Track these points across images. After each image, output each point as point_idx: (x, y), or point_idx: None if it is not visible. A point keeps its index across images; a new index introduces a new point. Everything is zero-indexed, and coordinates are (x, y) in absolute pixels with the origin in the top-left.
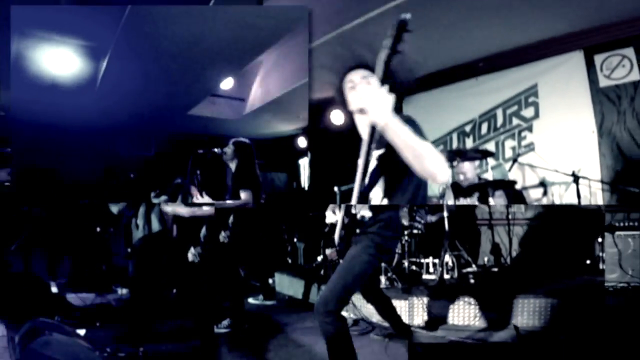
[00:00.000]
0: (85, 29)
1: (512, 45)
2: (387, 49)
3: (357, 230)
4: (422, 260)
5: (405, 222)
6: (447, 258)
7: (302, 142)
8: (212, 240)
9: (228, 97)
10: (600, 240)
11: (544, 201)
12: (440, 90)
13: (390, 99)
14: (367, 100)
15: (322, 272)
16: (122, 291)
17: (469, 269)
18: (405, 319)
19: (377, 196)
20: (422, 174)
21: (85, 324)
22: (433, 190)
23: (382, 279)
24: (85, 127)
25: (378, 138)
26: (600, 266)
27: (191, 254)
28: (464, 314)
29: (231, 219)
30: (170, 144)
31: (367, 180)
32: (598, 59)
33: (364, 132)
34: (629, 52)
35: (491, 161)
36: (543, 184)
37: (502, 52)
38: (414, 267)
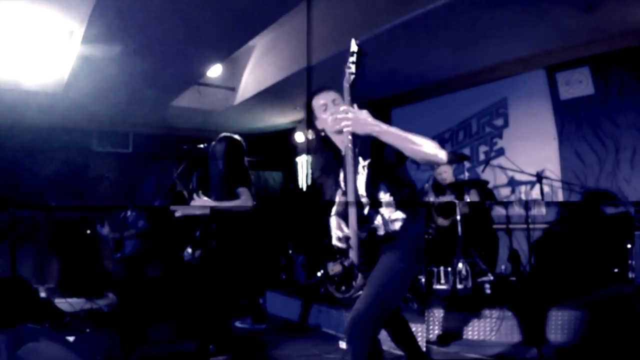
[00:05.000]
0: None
1: (485, 65)
2: (351, 74)
3: (381, 235)
4: (433, 269)
5: None
6: (461, 266)
7: (299, 136)
8: (208, 244)
9: (216, 86)
10: (629, 245)
11: (512, 198)
12: (424, 103)
13: (366, 112)
14: (354, 119)
15: (322, 289)
16: (113, 296)
17: (485, 278)
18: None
19: (387, 201)
20: (425, 160)
21: (74, 330)
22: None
23: None
24: (52, 120)
25: (359, 150)
26: (630, 275)
27: (187, 255)
28: (480, 328)
29: (208, 227)
30: (150, 139)
31: (364, 188)
32: (559, 76)
33: (342, 147)
34: (585, 70)
35: (467, 164)
36: (511, 183)
37: (476, 71)
38: (425, 278)
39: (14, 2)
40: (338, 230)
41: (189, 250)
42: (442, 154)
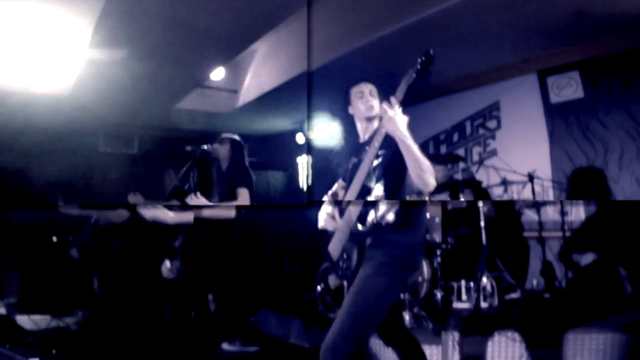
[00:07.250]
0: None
1: (479, 69)
2: (413, 74)
3: (369, 241)
4: (452, 284)
5: (437, 238)
6: (485, 281)
7: (300, 138)
8: (189, 254)
9: (219, 89)
10: None
11: (505, 197)
12: (420, 105)
13: (405, 118)
14: (392, 120)
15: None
16: (83, 313)
17: (513, 295)
18: None
19: (378, 193)
20: (417, 182)
21: (38, 351)
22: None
23: (406, 316)
24: (60, 122)
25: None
26: None
27: (166, 269)
28: (507, 353)
29: (180, 240)
30: (155, 140)
31: (369, 176)
32: (549, 80)
33: (363, 134)
34: (575, 74)
35: (461, 164)
36: (504, 183)
37: (471, 75)
38: (441, 293)
39: (22, 7)
40: (329, 216)
41: (168, 264)
42: (431, 187)
